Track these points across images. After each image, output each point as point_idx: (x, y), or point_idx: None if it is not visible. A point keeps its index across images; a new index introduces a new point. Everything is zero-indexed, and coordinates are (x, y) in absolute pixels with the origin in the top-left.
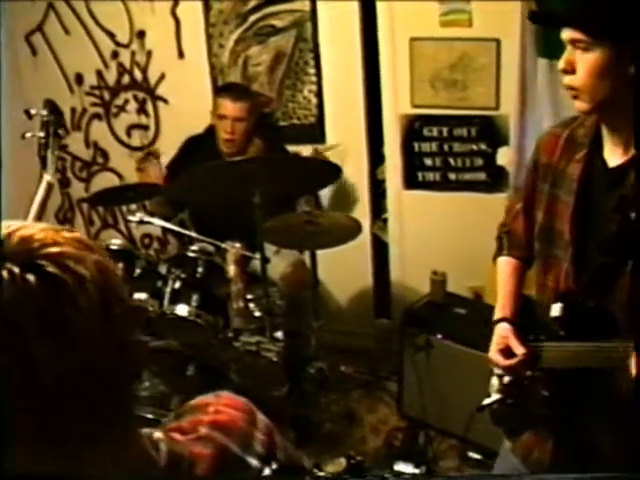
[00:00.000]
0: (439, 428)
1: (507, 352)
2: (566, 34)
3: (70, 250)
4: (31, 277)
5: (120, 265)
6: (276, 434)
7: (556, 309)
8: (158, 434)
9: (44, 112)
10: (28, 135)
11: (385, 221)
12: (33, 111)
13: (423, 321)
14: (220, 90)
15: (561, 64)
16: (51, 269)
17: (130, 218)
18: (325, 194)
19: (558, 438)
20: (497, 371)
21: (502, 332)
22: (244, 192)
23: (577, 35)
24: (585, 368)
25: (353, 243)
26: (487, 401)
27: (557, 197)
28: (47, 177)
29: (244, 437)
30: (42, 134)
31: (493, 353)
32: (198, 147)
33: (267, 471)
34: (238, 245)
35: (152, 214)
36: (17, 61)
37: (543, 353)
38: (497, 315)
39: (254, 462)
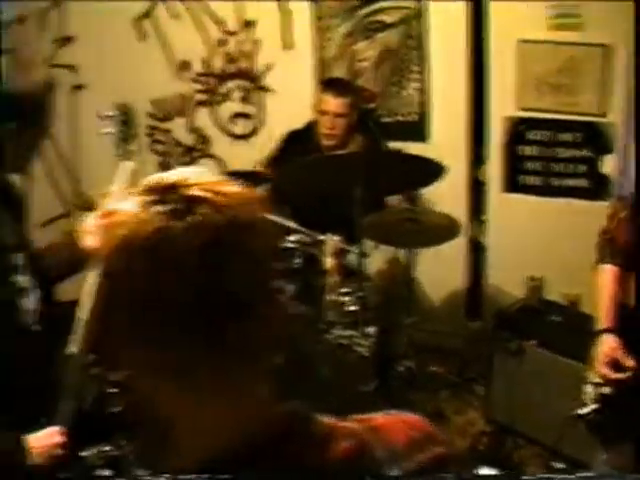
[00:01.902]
0: (526, 435)
1: (615, 364)
2: None
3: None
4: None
5: None
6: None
7: None
8: (313, 414)
9: (118, 113)
10: (105, 131)
11: (483, 223)
12: (109, 113)
13: (516, 326)
14: (324, 85)
15: None
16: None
17: None
18: (424, 192)
19: None
20: (593, 380)
21: (609, 344)
22: (345, 186)
23: None
24: None
25: (450, 243)
26: (584, 410)
27: None
28: (129, 164)
29: (397, 447)
30: (117, 131)
31: (601, 365)
32: (298, 141)
33: None
34: (337, 238)
35: None
36: (127, 46)
37: None
38: (600, 325)
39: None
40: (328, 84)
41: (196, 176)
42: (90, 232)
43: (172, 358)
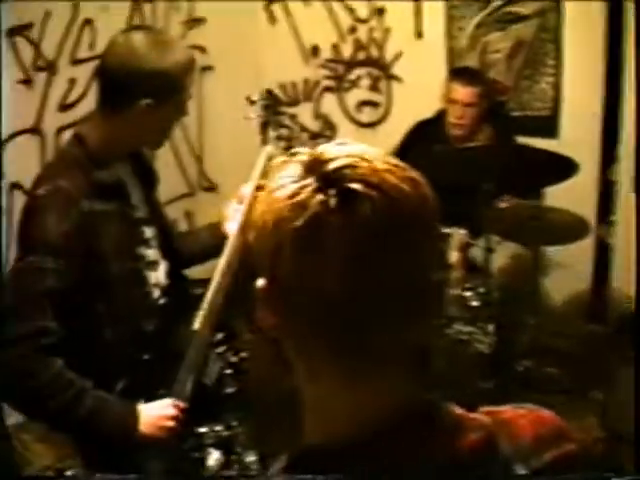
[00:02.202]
0: None
1: None
2: None
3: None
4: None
5: None
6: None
7: None
8: (444, 402)
9: (264, 98)
10: (252, 116)
11: (611, 224)
12: (254, 98)
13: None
14: (453, 74)
15: None
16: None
17: None
18: (553, 189)
19: None
20: None
21: None
22: (473, 179)
23: None
24: None
25: (576, 242)
26: None
27: None
28: (268, 148)
29: (524, 443)
30: (263, 116)
31: None
32: (427, 131)
33: None
34: (463, 232)
35: None
36: (256, 30)
37: None
38: None
39: (522, 472)
40: (457, 73)
41: (357, 158)
42: (231, 218)
43: (318, 344)
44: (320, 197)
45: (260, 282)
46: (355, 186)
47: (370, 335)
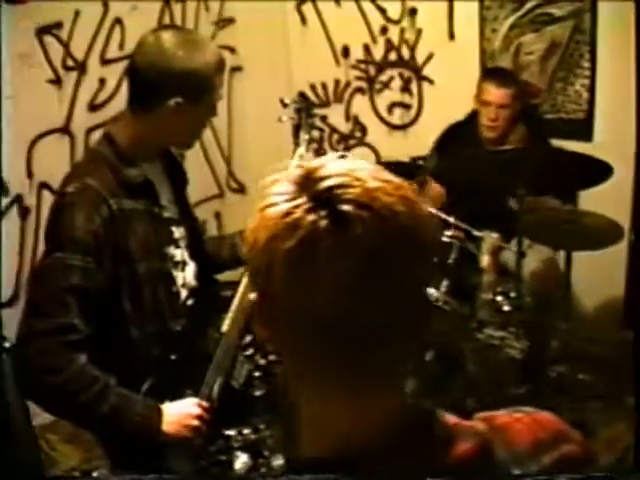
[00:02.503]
0: None
1: None
2: None
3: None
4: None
5: None
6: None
7: None
8: (438, 411)
9: (297, 101)
10: (284, 119)
11: None
12: (287, 100)
13: None
14: (485, 74)
15: None
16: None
17: None
18: (587, 193)
19: None
20: None
21: None
22: (506, 182)
23: None
24: None
25: (610, 247)
26: None
27: None
28: (300, 150)
29: (520, 448)
30: (295, 119)
31: None
32: (460, 134)
33: None
34: (495, 235)
35: None
36: (286, 30)
37: None
38: None
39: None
40: (490, 73)
41: (350, 177)
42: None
43: (306, 358)
44: (312, 217)
45: (253, 296)
46: (346, 208)
47: (362, 352)
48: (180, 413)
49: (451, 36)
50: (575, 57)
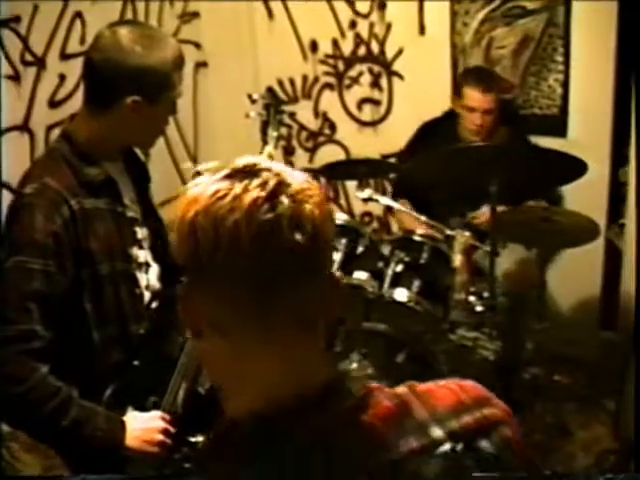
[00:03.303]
0: None
1: None
2: None
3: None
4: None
5: (343, 241)
6: (506, 429)
7: None
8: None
9: (265, 97)
10: (252, 115)
11: (622, 227)
12: (255, 96)
13: None
14: (468, 78)
15: None
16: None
17: (359, 194)
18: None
19: None
20: None
21: None
22: (480, 179)
23: None
24: None
25: (585, 246)
26: None
27: None
28: (268, 148)
29: (441, 409)
30: (264, 115)
31: None
32: (435, 132)
33: (447, 446)
34: (468, 234)
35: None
36: (253, 24)
37: None
38: None
39: (438, 432)
40: (473, 77)
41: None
42: None
43: (226, 314)
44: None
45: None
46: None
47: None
48: (144, 427)
49: (421, 30)
50: (548, 51)
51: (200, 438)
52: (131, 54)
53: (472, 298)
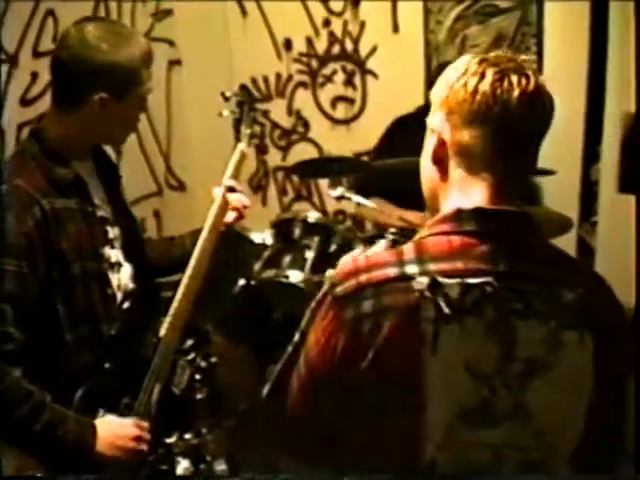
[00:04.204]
0: None
1: None
2: None
3: None
4: None
5: (315, 239)
6: None
7: None
8: None
9: (239, 94)
10: (225, 113)
11: (594, 224)
12: (228, 94)
13: None
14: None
15: None
16: None
17: (331, 192)
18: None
19: None
20: None
21: None
22: None
23: None
24: None
25: (557, 244)
26: None
27: None
28: (241, 146)
29: None
30: (237, 112)
31: None
32: (407, 127)
33: None
34: None
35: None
36: (227, 22)
37: None
38: None
39: None
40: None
41: None
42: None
43: None
44: None
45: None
46: None
47: None
48: (116, 434)
49: (395, 28)
50: (522, 50)
51: (174, 439)
52: (97, 51)
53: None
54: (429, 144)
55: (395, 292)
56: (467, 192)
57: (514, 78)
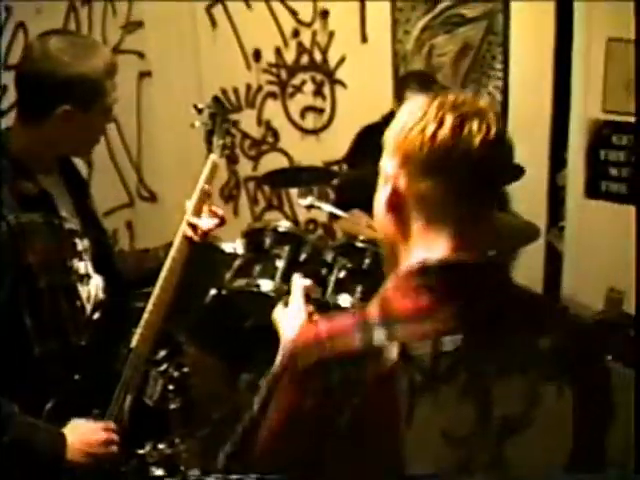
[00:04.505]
0: None
1: None
2: None
3: None
4: None
5: (286, 248)
6: None
7: None
8: None
9: (211, 106)
10: (197, 124)
11: (562, 229)
12: (201, 106)
13: None
14: (408, 81)
15: None
16: None
17: (301, 201)
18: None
19: None
20: None
21: None
22: None
23: None
24: None
25: (526, 249)
26: None
27: None
28: (213, 156)
29: None
30: (209, 124)
31: None
32: (374, 136)
33: None
34: None
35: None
36: (196, 34)
37: None
38: None
39: None
40: (414, 80)
41: None
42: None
43: None
44: None
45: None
46: None
47: None
48: (85, 440)
49: (363, 38)
50: (488, 58)
51: (147, 448)
52: (61, 64)
53: None
54: (383, 192)
55: (363, 363)
56: (430, 243)
57: (475, 124)
